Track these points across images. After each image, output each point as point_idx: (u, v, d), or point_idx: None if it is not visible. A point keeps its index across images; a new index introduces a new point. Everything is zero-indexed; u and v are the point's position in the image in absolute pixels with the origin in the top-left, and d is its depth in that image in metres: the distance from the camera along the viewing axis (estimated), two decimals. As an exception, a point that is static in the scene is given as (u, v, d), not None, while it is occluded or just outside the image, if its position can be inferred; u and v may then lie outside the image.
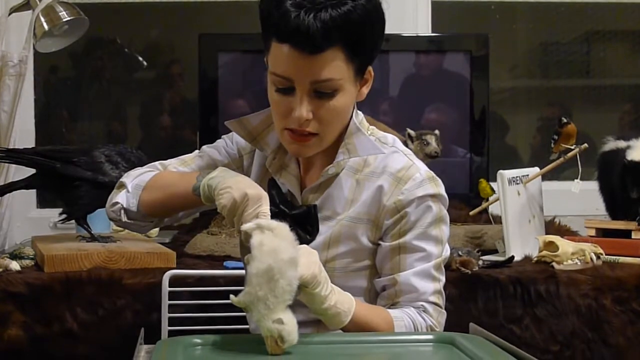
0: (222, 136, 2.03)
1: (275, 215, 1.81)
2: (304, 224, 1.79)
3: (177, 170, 1.99)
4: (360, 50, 1.75)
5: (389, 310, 1.82)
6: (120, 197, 1.93)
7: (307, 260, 1.61)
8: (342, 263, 1.85)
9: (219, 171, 1.76)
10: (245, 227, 1.59)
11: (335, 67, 1.72)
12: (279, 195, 1.83)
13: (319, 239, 1.82)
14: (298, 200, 1.89)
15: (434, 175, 1.88)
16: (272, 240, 1.54)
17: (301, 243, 1.73)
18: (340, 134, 1.86)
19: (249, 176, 1.95)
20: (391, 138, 1.93)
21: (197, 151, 2.04)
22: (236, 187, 1.67)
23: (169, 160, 2.02)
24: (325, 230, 1.85)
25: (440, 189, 1.86)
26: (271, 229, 1.56)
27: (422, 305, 1.83)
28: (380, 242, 1.86)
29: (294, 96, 1.75)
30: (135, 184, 1.93)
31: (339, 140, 1.87)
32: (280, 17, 1.69)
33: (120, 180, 1.97)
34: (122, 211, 1.93)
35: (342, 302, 1.69)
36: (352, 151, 1.86)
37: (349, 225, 1.85)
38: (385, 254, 1.85)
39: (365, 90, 1.85)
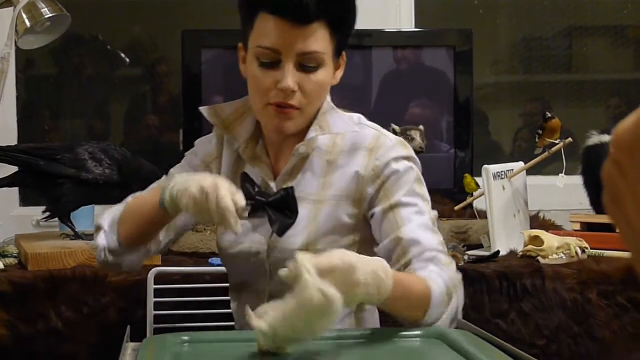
0: (185, 153, 2.05)
1: (253, 207, 1.83)
2: (283, 209, 1.81)
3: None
4: (341, 28, 1.83)
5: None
6: (100, 240, 1.93)
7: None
8: (325, 242, 1.85)
9: (177, 178, 1.76)
10: (297, 270, 1.47)
11: (320, 40, 1.79)
12: (253, 186, 1.85)
13: (300, 223, 1.83)
14: (273, 188, 1.90)
15: (404, 140, 1.94)
16: (314, 288, 1.43)
17: (284, 226, 1.78)
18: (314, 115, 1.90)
19: None
20: (356, 117, 1.97)
21: (164, 176, 2.04)
22: (193, 183, 1.68)
23: (139, 193, 2.02)
24: (304, 212, 1.85)
25: (412, 152, 1.91)
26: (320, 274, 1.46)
27: (434, 256, 1.79)
28: (372, 211, 1.86)
29: (278, 69, 1.80)
30: (110, 221, 1.93)
31: (310, 124, 1.90)
32: None
33: (96, 223, 1.96)
34: (105, 252, 1.92)
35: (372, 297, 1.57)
36: (324, 128, 1.90)
37: (328, 204, 1.87)
38: (380, 218, 1.84)
39: (339, 74, 1.91)
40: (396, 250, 1.82)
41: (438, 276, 1.74)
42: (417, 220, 1.83)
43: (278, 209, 1.81)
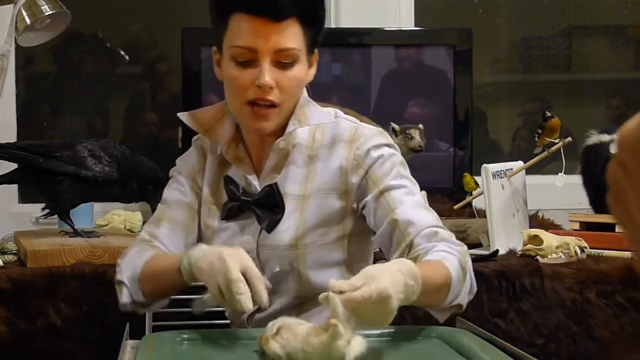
0: (170, 173, 2.07)
1: (240, 208, 1.85)
2: (270, 205, 1.86)
3: (152, 233, 1.99)
4: (312, 24, 1.86)
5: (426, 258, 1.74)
6: (125, 297, 1.93)
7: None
8: (314, 236, 1.88)
9: (194, 249, 1.76)
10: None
11: (295, 37, 1.82)
12: (237, 188, 1.91)
13: (287, 219, 1.87)
14: (257, 187, 1.92)
15: (383, 130, 1.97)
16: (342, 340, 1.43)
17: (272, 223, 1.85)
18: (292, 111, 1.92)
19: (203, 188, 2.00)
20: (333, 110, 1.99)
21: (160, 204, 2.05)
22: (210, 252, 1.69)
23: (148, 226, 2.03)
24: (290, 209, 1.88)
25: (392, 141, 1.94)
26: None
27: (435, 232, 1.79)
28: (364, 202, 1.87)
29: (255, 68, 1.82)
30: (130, 277, 1.92)
31: (288, 120, 1.91)
32: None
33: (117, 277, 1.95)
34: (132, 305, 1.93)
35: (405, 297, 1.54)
36: (302, 121, 1.91)
37: (314, 199, 1.89)
38: (373, 205, 1.86)
39: (312, 71, 1.94)
40: (395, 233, 1.82)
41: (449, 254, 1.74)
42: (409, 200, 1.84)
43: (264, 206, 1.85)
